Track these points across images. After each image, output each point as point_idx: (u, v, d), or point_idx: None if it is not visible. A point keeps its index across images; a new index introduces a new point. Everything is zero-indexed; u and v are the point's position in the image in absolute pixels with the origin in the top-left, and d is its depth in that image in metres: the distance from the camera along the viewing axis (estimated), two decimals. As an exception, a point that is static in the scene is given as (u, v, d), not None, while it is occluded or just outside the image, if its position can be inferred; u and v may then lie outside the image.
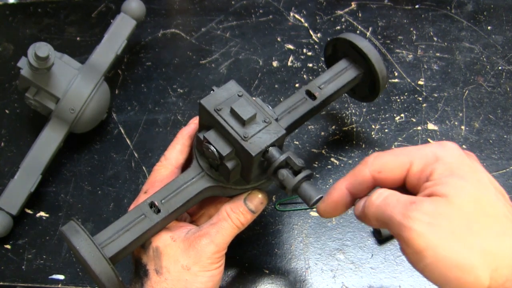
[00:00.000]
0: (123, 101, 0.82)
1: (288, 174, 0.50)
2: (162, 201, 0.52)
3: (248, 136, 0.49)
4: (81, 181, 0.74)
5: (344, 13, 0.90)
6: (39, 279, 0.66)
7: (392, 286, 0.62)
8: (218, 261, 0.52)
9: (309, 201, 0.49)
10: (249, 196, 0.54)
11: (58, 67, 0.69)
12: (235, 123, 0.50)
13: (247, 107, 0.50)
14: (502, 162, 0.71)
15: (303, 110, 0.60)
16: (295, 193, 0.50)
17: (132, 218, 0.51)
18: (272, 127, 0.51)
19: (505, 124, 0.75)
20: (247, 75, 0.83)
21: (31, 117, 0.80)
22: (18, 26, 0.92)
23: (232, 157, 0.51)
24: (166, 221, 0.53)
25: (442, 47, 0.84)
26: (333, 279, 0.62)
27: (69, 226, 0.49)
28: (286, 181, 0.49)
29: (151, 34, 0.89)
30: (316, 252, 0.65)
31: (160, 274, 0.51)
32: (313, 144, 0.74)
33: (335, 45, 0.67)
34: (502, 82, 0.79)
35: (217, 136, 0.51)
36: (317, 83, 0.62)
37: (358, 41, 0.63)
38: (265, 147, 0.50)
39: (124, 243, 0.50)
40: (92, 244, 0.48)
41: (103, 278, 0.47)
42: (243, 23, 0.90)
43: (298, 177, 0.49)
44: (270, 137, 0.50)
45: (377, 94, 0.66)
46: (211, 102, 0.51)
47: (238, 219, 0.53)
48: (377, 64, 0.63)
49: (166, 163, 0.57)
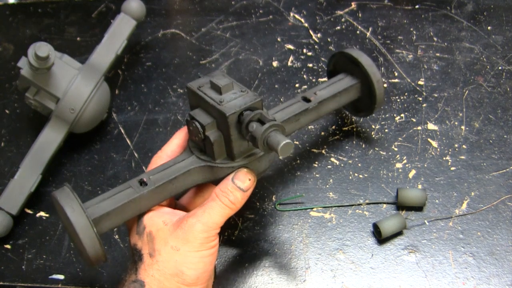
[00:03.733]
0: (123, 101, 0.82)
1: (258, 125, 0.50)
2: (150, 177, 0.54)
3: (223, 101, 0.52)
4: (81, 181, 0.74)
5: (344, 13, 0.90)
6: (39, 279, 0.66)
7: (392, 286, 0.62)
8: (208, 241, 0.52)
9: (277, 147, 0.48)
10: (236, 174, 0.54)
11: (58, 67, 0.69)
12: (214, 94, 0.54)
13: (224, 78, 0.55)
14: (502, 162, 0.71)
15: (297, 109, 0.62)
16: (265, 145, 0.50)
17: (119, 189, 0.54)
18: (249, 95, 0.53)
19: (505, 124, 0.75)
20: (247, 75, 0.83)
21: (31, 117, 0.80)
22: (18, 26, 0.92)
23: (213, 128, 0.54)
24: (153, 197, 0.54)
25: (442, 47, 0.84)
26: (333, 279, 0.62)
27: (60, 189, 0.52)
28: (255, 132, 0.50)
29: (151, 34, 0.89)
30: (316, 252, 0.65)
31: (152, 257, 0.52)
32: (313, 144, 0.74)
33: (335, 62, 0.71)
34: (502, 82, 0.79)
35: (200, 112, 0.55)
36: (313, 90, 0.66)
37: (351, 51, 0.67)
38: (239, 110, 0.51)
39: (107, 208, 0.52)
40: (77, 203, 0.50)
41: (81, 233, 0.49)
42: (243, 23, 0.90)
43: (266, 125, 0.49)
44: (244, 101, 0.52)
45: (375, 102, 0.67)
46: (196, 83, 0.56)
47: (227, 198, 0.53)
48: (369, 68, 0.65)
49: (162, 154, 0.59)
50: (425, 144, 0.73)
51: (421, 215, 0.66)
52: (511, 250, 0.63)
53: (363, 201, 0.68)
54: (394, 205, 0.67)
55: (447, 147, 0.72)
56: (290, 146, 0.48)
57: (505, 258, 0.62)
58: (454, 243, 0.64)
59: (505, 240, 0.64)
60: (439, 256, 0.63)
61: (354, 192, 0.69)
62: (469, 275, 0.62)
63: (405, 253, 0.64)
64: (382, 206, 0.68)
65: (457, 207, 0.67)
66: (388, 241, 0.65)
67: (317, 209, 0.68)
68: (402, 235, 0.65)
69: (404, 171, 0.70)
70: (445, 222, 0.66)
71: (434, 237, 0.64)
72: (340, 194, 0.69)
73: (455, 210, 0.66)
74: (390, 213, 0.67)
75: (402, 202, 0.66)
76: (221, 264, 0.65)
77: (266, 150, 0.50)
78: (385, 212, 0.67)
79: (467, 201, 0.67)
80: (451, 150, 0.72)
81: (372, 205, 0.68)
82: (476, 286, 0.61)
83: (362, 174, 0.70)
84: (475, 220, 0.66)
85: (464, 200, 0.67)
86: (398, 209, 0.67)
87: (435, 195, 0.68)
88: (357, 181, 0.70)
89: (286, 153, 0.48)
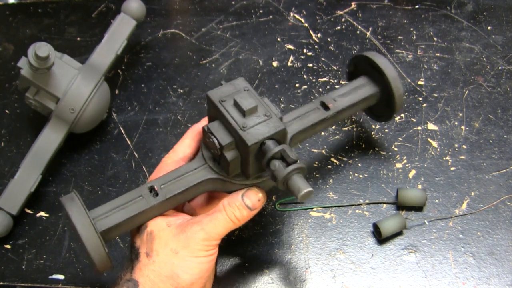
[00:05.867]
0: (123, 101, 0.82)
1: (280, 165, 0.49)
2: (161, 186, 0.53)
3: (246, 126, 0.50)
4: (81, 181, 0.74)
5: (344, 13, 0.90)
6: (39, 279, 0.66)
7: (392, 286, 0.62)
8: (208, 249, 0.52)
9: (297, 194, 0.48)
10: (247, 192, 0.54)
11: (58, 67, 0.69)
12: (236, 114, 0.51)
13: (249, 99, 0.52)
14: (502, 162, 0.71)
15: (315, 118, 0.60)
16: (285, 185, 0.50)
17: (130, 198, 0.53)
18: (272, 121, 0.51)
19: (505, 124, 0.75)
20: (247, 75, 0.83)
21: (31, 117, 0.80)
22: (18, 26, 0.92)
23: (231, 148, 0.52)
24: (163, 207, 0.54)
25: (442, 47, 0.84)
26: (333, 279, 0.62)
27: (69, 197, 0.52)
28: (277, 171, 0.49)
29: (151, 34, 0.89)
30: (316, 252, 0.65)
31: (149, 256, 0.51)
32: (313, 144, 0.74)
33: (356, 63, 0.68)
34: (502, 82, 0.79)
35: (219, 127, 0.52)
36: (332, 96, 0.63)
37: (376, 58, 0.63)
38: (262, 138, 0.50)
39: (117, 220, 0.51)
40: (86, 215, 0.50)
41: (89, 247, 0.49)
42: (243, 23, 0.90)
43: (289, 168, 0.49)
44: (268, 130, 0.51)
45: (393, 113, 0.66)
46: (218, 94, 0.53)
47: (233, 213, 0.53)
48: (393, 82, 0.63)
49: (173, 155, 0.59)
50: (425, 144, 0.73)
51: (421, 215, 0.66)
52: (511, 250, 0.63)
53: (363, 201, 0.68)
54: (394, 205, 0.67)
55: (447, 147, 0.72)
56: (310, 194, 0.48)
57: (505, 258, 0.62)
58: (454, 243, 0.64)
59: (505, 240, 0.64)
60: (439, 256, 0.63)
61: (354, 192, 0.69)
62: (469, 275, 0.62)
63: (405, 253, 0.64)
64: (382, 206, 0.68)
65: (457, 207, 0.67)
66: (388, 241, 0.65)
67: (317, 209, 0.68)
68: (402, 235, 0.65)
69: (404, 171, 0.70)
70: (445, 222, 0.66)
71: (434, 237, 0.64)
72: (340, 194, 0.69)
73: (455, 210, 0.67)
74: (390, 213, 0.67)
75: (402, 202, 0.66)
76: (221, 264, 0.65)
77: (285, 189, 0.50)
78: (385, 212, 0.67)
79: (467, 201, 0.67)
80: (451, 150, 0.72)
81: (372, 205, 0.68)
82: (476, 286, 0.61)
83: (362, 174, 0.70)
84: (475, 220, 0.66)
85: (464, 200, 0.67)
86: (398, 209, 0.67)
87: (435, 195, 0.68)
88: (357, 181, 0.70)
89: (305, 199, 0.49)
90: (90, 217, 0.50)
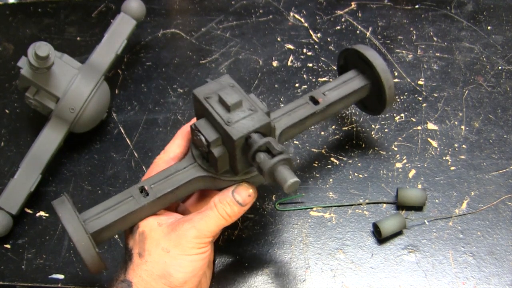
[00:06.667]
0: (123, 101, 0.82)
1: (266, 157, 0.49)
2: (151, 186, 0.54)
3: (231, 121, 0.51)
4: (81, 181, 0.74)
5: (344, 13, 0.90)
6: (39, 278, 0.66)
7: (392, 286, 0.62)
8: (200, 247, 0.52)
9: (283, 184, 0.48)
10: (237, 188, 0.54)
11: (58, 67, 0.70)
12: (221, 109, 0.52)
13: (234, 95, 0.52)
14: (502, 162, 0.71)
15: (304, 113, 0.60)
16: (272, 178, 0.49)
17: (121, 198, 0.53)
18: (257, 115, 0.52)
19: (505, 124, 0.75)
20: (247, 75, 0.83)
21: (31, 117, 0.80)
22: (18, 26, 0.92)
23: (218, 144, 0.52)
24: (154, 206, 0.54)
25: (442, 47, 0.84)
26: (333, 279, 0.62)
27: (60, 200, 0.52)
28: (263, 163, 0.49)
29: (151, 34, 0.90)
30: (316, 252, 0.65)
31: (142, 256, 0.52)
32: (313, 144, 0.74)
33: (346, 56, 0.68)
34: (502, 82, 0.79)
35: (206, 124, 0.53)
36: (322, 90, 0.63)
37: (365, 50, 0.63)
38: (247, 132, 0.50)
39: (108, 221, 0.52)
40: (75, 217, 0.50)
41: (80, 248, 0.49)
42: (243, 23, 0.90)
43: (274, 160, 0.48)
44: (253, 124, 0.51)
45: (385, 106, 0.65)
46: (203, 92, 0.54)
47: (224, 210, 0.53)
48: (383, 73, 0.62)
49: (164, 155, 0.59)
50: (425, 144, 0.73)
51: (421, 215, 0.66)
52: (511, 250, 0.63)
53: (363, 200, 0.68)
54: (394, 205, 0.67)
55: (447, 147, 0.72)
56: (296, 184, 0.48)
57: (505, 258, 0.62)
58: (454, 243, 0.64)
59: (505, 240, 0.64)
60: (439, 256, 0.63)
61: (354, 191, 0.69)
62: (469, 274, 0.62)
63: (405, 253, 0.64)
64: (382, 206, 0.68)
65: (457, 207, 0.67)
66: (388, 241, 0.65)
67: (317, 208, 0.68)
68: (402, 235, 0.65)
69: (404, 170, 0.70)
70: (445, 222, 0.66)
71: (434, 237, 0.64)
72: (340, 193, 0.69)
73: (455, 210, 0.67)
74: (390, 213, 0.67)
75: (402, 202, 0.66)
76: (221, 264, 0.65)
77: (272, 182, 0.50)
78: (385, 212, 0.67)
79: (467, 201, 0.67)
80: (451, 150, 0.72)
81: (372, 205, 0.68)
82: (476, 286, 0.61)
83: (362, 174, 0.70)
84: (475, 220, 0.66)
85: (464, 200, 0.67)
86: (398, 209, 0.67)
87: (435, 195, 0.68)
88: (357, 180, 0.70)
89: (292, 189, 0.48)
90: (80, 219, 0.51)
